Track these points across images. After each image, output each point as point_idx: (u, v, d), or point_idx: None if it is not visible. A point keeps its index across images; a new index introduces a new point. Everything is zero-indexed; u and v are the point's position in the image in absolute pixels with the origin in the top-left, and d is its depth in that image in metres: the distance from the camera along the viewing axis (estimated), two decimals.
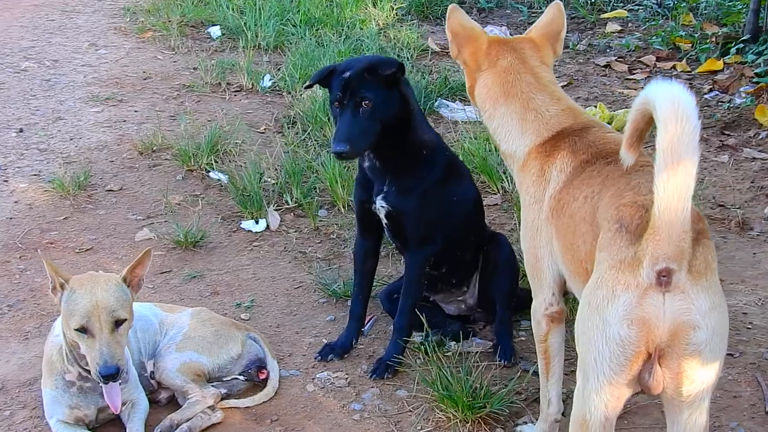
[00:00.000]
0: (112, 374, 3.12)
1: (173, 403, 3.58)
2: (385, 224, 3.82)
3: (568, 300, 3.19)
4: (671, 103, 2.19)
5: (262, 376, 3.66)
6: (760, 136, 5.94)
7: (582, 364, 2.50)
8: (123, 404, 3.40)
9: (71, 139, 6.10)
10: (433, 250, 3.83)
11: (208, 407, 3.47)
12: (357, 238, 4.04)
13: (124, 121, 6.46)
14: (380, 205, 3.77)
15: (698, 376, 2.40)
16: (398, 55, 7.33)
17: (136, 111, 6.66)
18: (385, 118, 3.63)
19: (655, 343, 2.34)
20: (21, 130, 6.19)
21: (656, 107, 2.22)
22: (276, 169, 5.55)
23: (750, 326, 3.96)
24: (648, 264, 2.29)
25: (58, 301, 3.24)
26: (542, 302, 3.08)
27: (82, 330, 3.15)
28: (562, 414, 3.27)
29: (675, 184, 2.20)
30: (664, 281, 2.30)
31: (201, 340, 3.60)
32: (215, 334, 3.64)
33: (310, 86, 3.90)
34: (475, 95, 3.22)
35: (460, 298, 4.12)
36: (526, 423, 3.45)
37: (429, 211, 3.76)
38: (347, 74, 3.62)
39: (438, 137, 3.91)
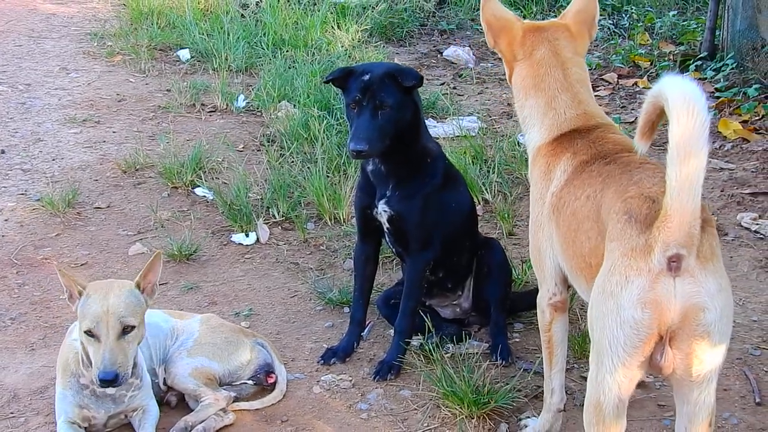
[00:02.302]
0: (109, 380, 3.18)
1: (181, 406, 3.67)
2: (387, 229, 3.96)
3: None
4: (683, 98, 2.32)
5: (271, 381, 3.76)
6: (726, 148, 6.18)
7: (596, 349, 2.61)
8: (134, 410, 3.49)
9: (53, 160, 6.16)
10: (433, 254, 3.96)
11: (221, 409, 3.56)
12: (357, 243, 4.17)
13: (104, 141, 6.52)
14: (383, 210, 3.90)
15: (707, 357, 2.53)
16: None
17: (114, 132, 6.72)
18: (400, 123, 3.77)
19: (667, 325, 2.47)
20: (3, 152, 6.23)
21: (668, 101, 2.35)
22: (260, 184, 5.67)
23: (734, 324, 4.11)
24: (659, 250, 2.41)
25: (75, 309, 3.32)
26: (546, 292, 3.21)
27: (91, 334, 3.23)
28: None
29: (686, 175, 2.32)
30: (675, 266, 2.42)
31: (212, 346, 3.70)
32: (225, 340, 3.74)
33: (327, 82, 4.00)
34: (512, 83, 3.31)
35: (455, 302, 4.26)
36: (529, 417, 3.58)
37: (430, 216, 3.90)
38: (367, 77, 3.75)
39: (439, 146, 4.05)
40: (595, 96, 7.58)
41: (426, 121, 6.56)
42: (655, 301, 2.45)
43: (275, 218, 5.31)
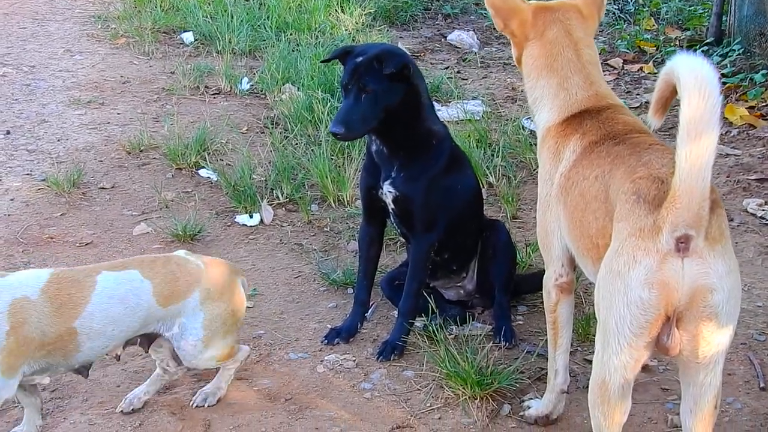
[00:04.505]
0: None
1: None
2: (392, 210, 3.95)
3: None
4: (695, 78, 2.32)
5: None
6: (732, 134, 6.17)
7: (602, 329, 2.61)
8: None
9: (58, 141, 6.15)
10: (438, 236, 3.95)
11: None
12: (362, 224, 4.17)
13: (108, 123, 6.51)
14: (387, 191, 3.89)
15: (714, 338, 2.52)
16: None
17: (118, 113, 6.72)
18: (388, 107, 3.76)
19: (674, 305, 2.46)
20: (8, 132, 6.22)
21: (680, 80, 2.34)
22: (264, 166, 5.67)
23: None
24: (668, 230, 2.40)
25: None
26: (552, 273, 3.20)
27: None
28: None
29: (697, 155, 2.31)
30: (683, 247, 2.41)
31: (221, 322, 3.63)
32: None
33: (327, 61, 4.01)
34: (522, 64, 3.29)
35: (459, 284, 4.25)
36: (532, 398, 3.58)
37: (435, 198, 3.89)
38: (359, 59, 3.75)
39: (445, 128, 4.03)
40: None
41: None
42: (662, 281, 2.44)
43: (279, 200, 5.31)
